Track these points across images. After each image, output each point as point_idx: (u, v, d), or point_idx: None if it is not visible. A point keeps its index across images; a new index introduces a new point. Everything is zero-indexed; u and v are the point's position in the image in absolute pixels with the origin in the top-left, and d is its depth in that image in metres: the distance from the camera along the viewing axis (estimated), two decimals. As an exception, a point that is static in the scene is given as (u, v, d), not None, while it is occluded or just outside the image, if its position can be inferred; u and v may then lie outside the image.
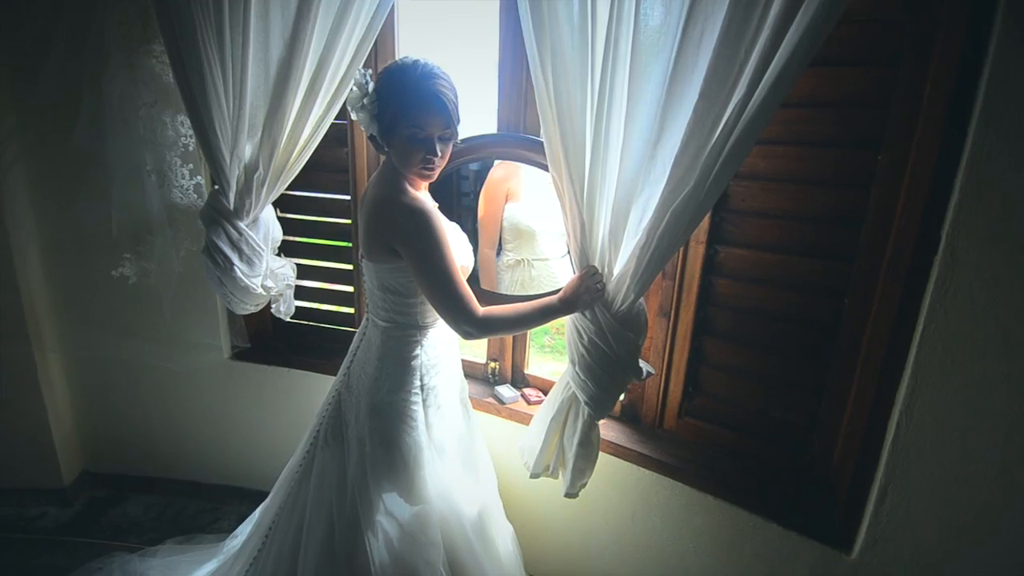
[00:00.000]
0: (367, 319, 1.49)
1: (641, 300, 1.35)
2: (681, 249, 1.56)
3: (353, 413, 1.45)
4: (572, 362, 1.43)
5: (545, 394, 1.86)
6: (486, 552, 1.55)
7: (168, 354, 2.12)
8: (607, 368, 1.38)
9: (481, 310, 1.30)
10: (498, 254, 2.09)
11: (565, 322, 1.43)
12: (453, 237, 1.39)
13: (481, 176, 1.96)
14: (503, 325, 1.35)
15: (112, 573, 1.85)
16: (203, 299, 2.06)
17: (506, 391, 1.89)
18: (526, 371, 1.97)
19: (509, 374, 1.97)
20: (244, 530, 1.75)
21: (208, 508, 2.27)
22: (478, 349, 2.07)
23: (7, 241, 1.96)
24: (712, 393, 1.63)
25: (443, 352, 1.48)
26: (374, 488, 1.40)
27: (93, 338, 2.14)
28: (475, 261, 1.66)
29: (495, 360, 1.97)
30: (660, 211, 1.21)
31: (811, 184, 1.40)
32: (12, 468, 2.21)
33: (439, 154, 1.30)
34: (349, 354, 1.53)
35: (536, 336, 3.87)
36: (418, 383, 1.42)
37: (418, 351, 1.42)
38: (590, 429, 1.45)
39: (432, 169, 1.32)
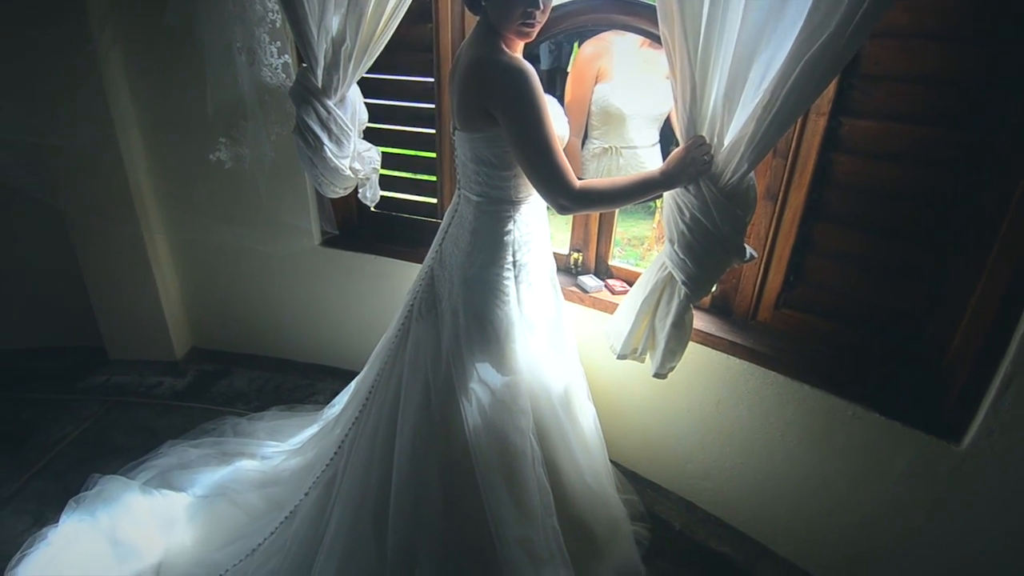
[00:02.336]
0: (458, 195, 1.47)
1: (752, 174, 1.26)
2: (797, 123, 1.42)
3: (446, 288, 1.47)
4: (670, 240, 1.37)
5: (630, 285, 1.82)
6: (572, 426, 1.59)
7: (263, 238, 2.21)
8: (709, 247, 1.31)
9: (578, 182, 1.25)
10: (583, 143, 2.00)
11: (664, 198, 1.36)
12: (550, 105, 1.32)
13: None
14: (600, 199, 1.30)
15: (225, 432, 2.05)
16: (295, 184, 2.11)
17: (590, 281, 1.86)
18: (610, 262, 1.93)
19: (592, 265, 1.94)
20: (341, 400, 1.88)
21: (304, 384, 2.45)
22: (561, 238, 2.03)
23: (111, 124, 2.04)
24: (816, 283, 1.54)
25: (535, 230, 1.45)
26: (468, 358, 1.43)
27: (194, 222, 2.26)
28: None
29: (578, 251, 1.94)
30: (789, 64, 1.08)
31: (962, 40, 1.22)
32: (132, 342, 2.44)
33: (540, 6, 1.21)
34: (440, 231, 1.53)
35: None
36: (510, 259, 1.41)
37: (511, 227, 1.40)
38: (685, 311, 1.41)
39: (532, 26, 1.24)
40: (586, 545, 1.63)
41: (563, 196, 1.24)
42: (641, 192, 1.30)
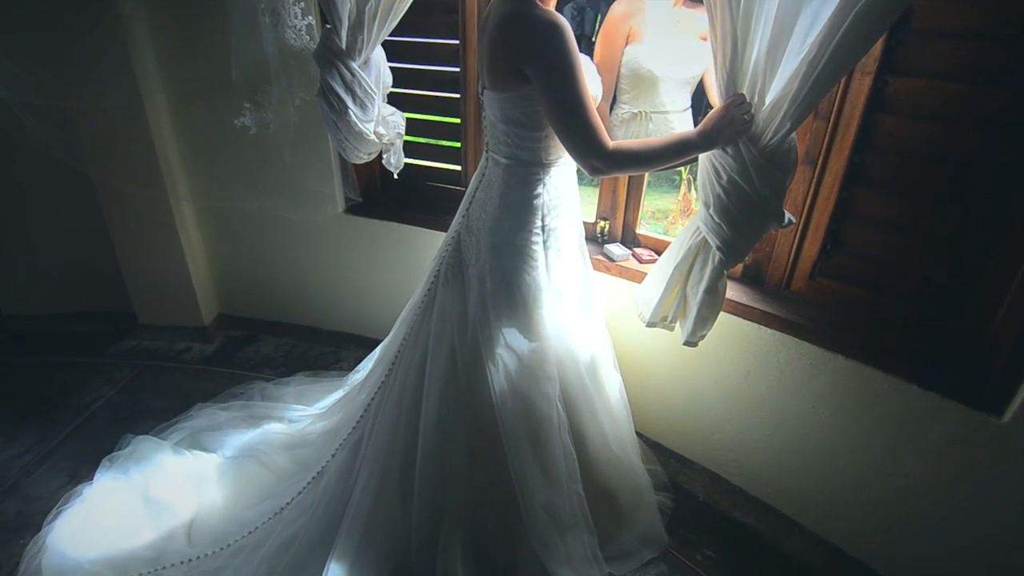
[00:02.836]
0: (486, 158, 1.44)
1: (793, 135, 1.21)
2: (840, 83, 1.36)
3: (473, 253, 1.45)
4: (706, 204, 1.33)
5: (657, 254, 1.79)
6: (598, 394, 1.58)
7: (288, 205, 2.21)
8: (747, 211, 1.27)
9: (611, 143, 1.21)
10: (611, 107, 1.95)
11: (700, 161, 1.32)
12: (584, 63, 1.28)
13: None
14: (633, 161, 1.26)
15: (252, 396, 2.09)
16: (319, 150, 2.10)
17: (617, 249, 1.83)
18: (637, 231, 1.89)
19: (619, 233, 1.90)
20: (366, 366, 1.89)
21: (329, 351, 2.48)
22: (588, 207, 1.99)
23: (136, 90, 2.04)
24: (855, 251, 1.49)
25: (564, 194, 1.42)
26: (494, 323, 1.42)
27: (220, 189, 2.27)
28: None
29: (605, 219, 1.90)
30: (839, 15, 1.03)
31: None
32: (161, 308, 2.48)
33: None
34: (467, 196, 1.51)
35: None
36: (539, 223, 1.39)
37: (540, 190, 1.37)
38: (718, 277, 1.38)
39: None
40: (610, 513, 1.63)
41: (595, 157, 1.20)
42: (676, 154, 1.25)
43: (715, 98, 1.54)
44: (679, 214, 3.42)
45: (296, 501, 1.57)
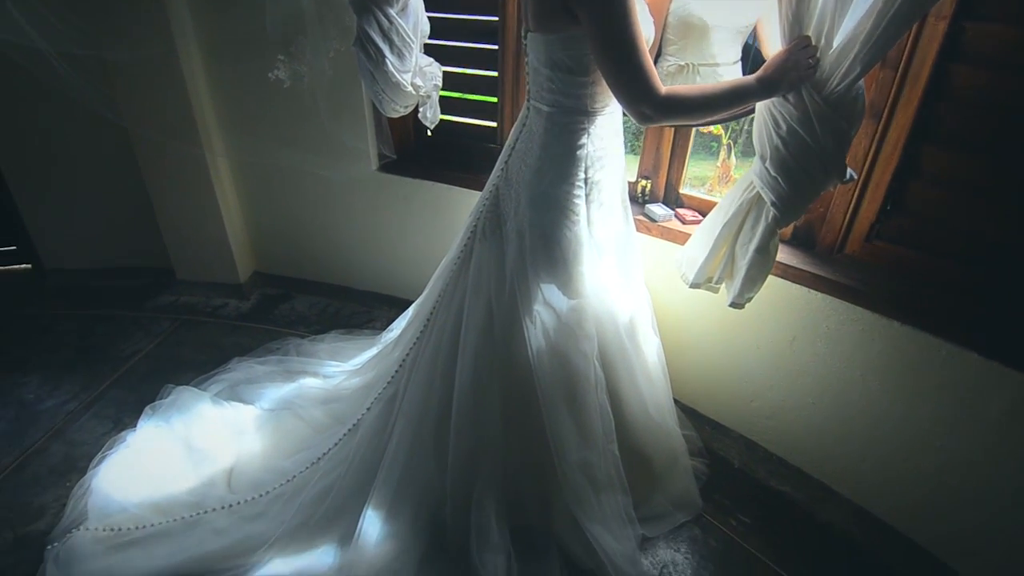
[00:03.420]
0: (527, 107, 1.38)
1: (861, 82, 1.12)
2: (911, 29, 1.26)
3: (512, 207, 1.41)
4: (762, 157, 1.26)
5: (702, 215, 1.72)
6: (636, 355, 1.55)
7: (322, 162, 2.19)
8: (807, 164, 1.20)
9: (663, 88, 1.14)
10: (656, 60, 1.85)
11: (757, 110, 1.25)
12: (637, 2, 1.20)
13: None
14: (687, 107, 1.19)
15: (288, 352, 2.11)
16: (353, 104, 2.06)
17: (658, 209, 1.76)
18: (680, 190, 1.82)
19: (661, 193, 1.84)
20: (399, 324, 1.88)
21: (361, 311, 2.48)
22: (629, 166, 1.92)
23: (171, 40, 2.02)
24: (917, 212, 1.41)
25: (609, 145, 1.36)
26: (533, 279, 1.39)
27: (255, 145, 2.25)
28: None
29: (647, 178, 1.83)
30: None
31: None
32: (199, 264, 2.51)
33: None
34: (506, 148, 1.46)
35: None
36: (582, 175, 1.33)
37: (584, 140, 1.31)
38: (770, 236, 1.32)
39: None
40: (644, 475, 1.62)
41: (646, 103, 1.14)
42: (733, 101, 1.18)
43: (768, 49, 1.45)
44: (716, 181, 3.31)
45: (332, 453, 1.59)
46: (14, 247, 2.62)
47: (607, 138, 1.34)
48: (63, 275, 2.61)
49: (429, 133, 2.19)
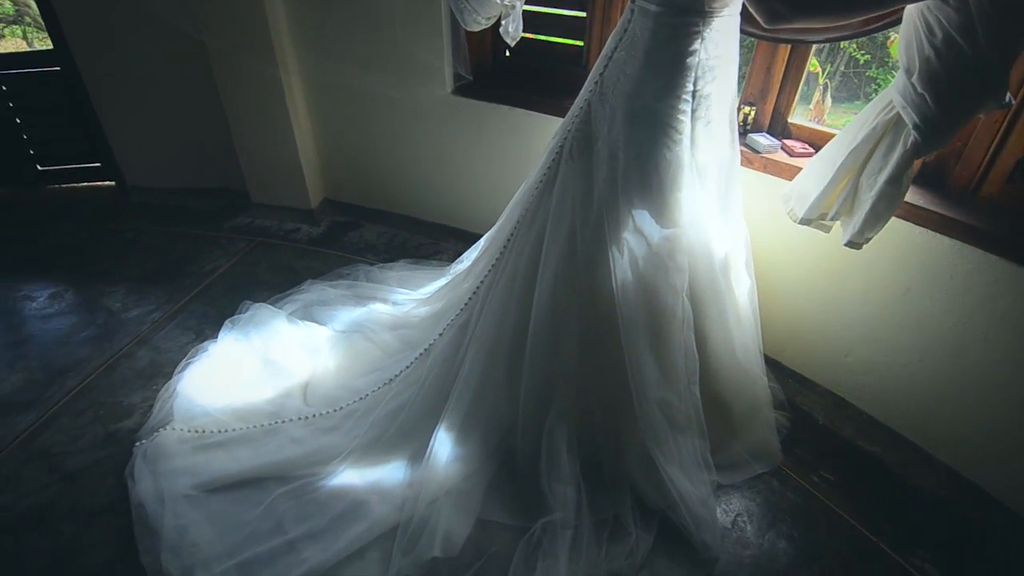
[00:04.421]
0: (631, 9, 1.23)
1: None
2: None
3: (605, 124, 1.29)
4: (907, 71, 1.09)
5: (814, 149, 1.55)
6: (728, 294, 1.44)
7: (395, 83, 2.11)
8: (961, 79, 1.03)
9: None
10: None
11: (906, 15, 1.07)
12: None
13: None
14: (826, 6, 1.02)
15: (358, 277, 2.11)
16: (430, 18, 1.95)
17: (763, 139, 1.60)
18: (789, 120, 1.64)
19: (767, 122, 1.67)
20: (470, 255, 1.83)
21: (429, 242, 2.45)
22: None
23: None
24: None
25: (724, 53, 1.21)
26: (624, 204, 1.29)
27: (328, 63, 2.19)
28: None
29: (751, 104, 1.66)
30: None
31: None
32: (273, 188, 2.52)
33: None
34: (601, 58, 1.32)
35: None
36: (689, 87, 1.20)
37: (696, 45, 1.16)
38: (906, 166, 1.16)
39: None
40: (723, 421, 1.54)
41: None
42: (881, 1, 1.01)
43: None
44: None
45: (404, 375, 1.58)
46: (99, 164, 2.71)
47: (723, 44, 1.19)
48: (144, 193, 2.69)
49: (508, 53, 2.06)
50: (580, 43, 1.90)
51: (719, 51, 1.19)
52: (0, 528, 1.38)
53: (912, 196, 1.39)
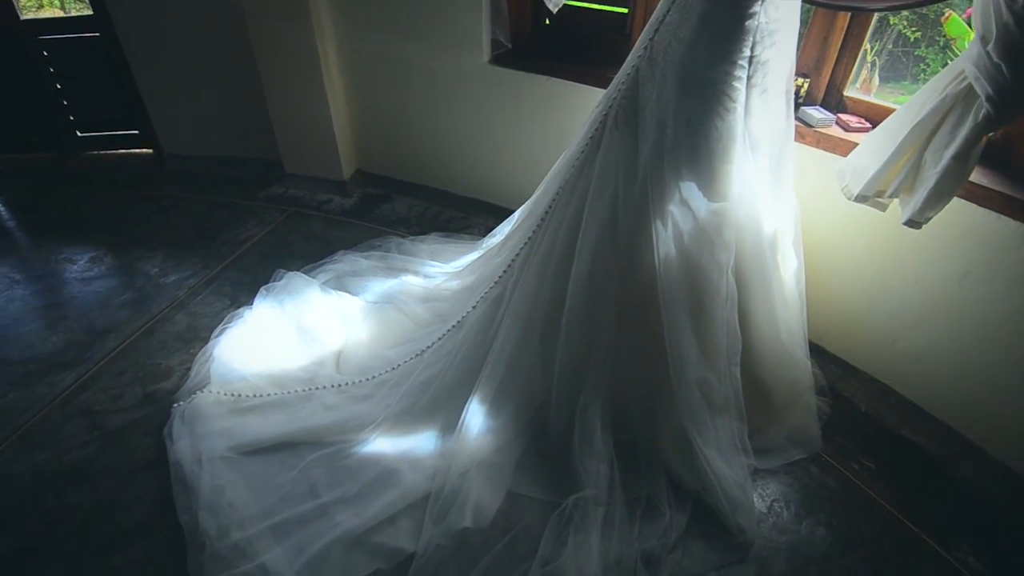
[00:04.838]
0: (687, -30, 1.18)
1: None
2: None
3: (655, 91, 1.24)
4: (983, 39, 1.02)
5: (871, 123, 1.47)
6: (775, 273, 1.39)
7: (432, 52, 2.07)
8: (1047, 45, 0.95)
9: None
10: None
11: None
12: None
13: None
14: None
15: (390, 248, 2.10)
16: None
17: (816, 113, 1.53)
18: (845, 93, 1.56)
19: (821, 95, 1.59)
20: (503, 229, 1.80)
21: (460, 216, 2.43)
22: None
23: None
24: None
25: (785, 16, 1.15)
26: (671, 175, 1.24)
27: (366, 31, 2.16)
28: None
29: (805, 76, 1.58)
30: None
31: None
32: (306, 159, 2.52)
33: None
34: (652, 23, 1.27)
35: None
36: (746, 53, 1.14)
37: (756, 7, 1.10)
38: (975, 140, 1.09)
39: None
40: (763, 405, 1.50)
41: None
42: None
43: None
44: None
45: (436, 346, 1.57)
46: (136, 131, 2.74)
47: (784, 7, 1.13)
48: (180, 161, 2.72)
49: (548, 21, 2.01)
50: (624, 10, 1.83)
51: (779, 14, 1.13)
52: (41, 484, 1.42)
53: (974, 175, 1.30)
